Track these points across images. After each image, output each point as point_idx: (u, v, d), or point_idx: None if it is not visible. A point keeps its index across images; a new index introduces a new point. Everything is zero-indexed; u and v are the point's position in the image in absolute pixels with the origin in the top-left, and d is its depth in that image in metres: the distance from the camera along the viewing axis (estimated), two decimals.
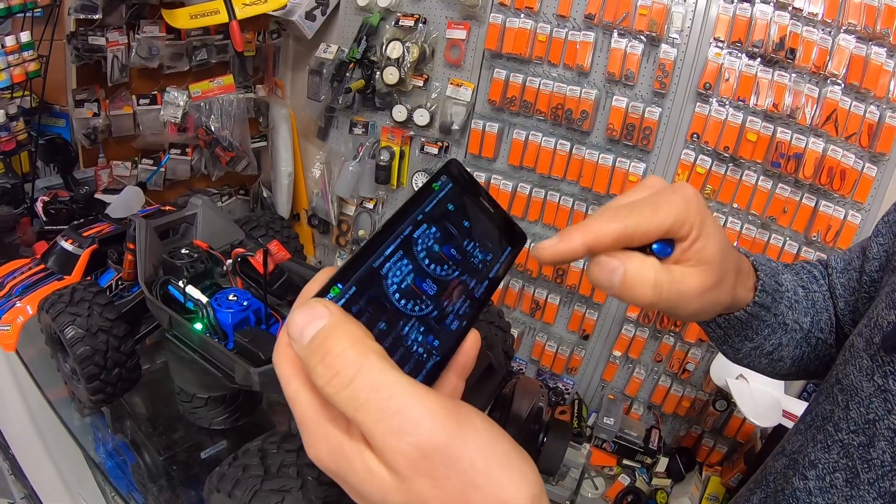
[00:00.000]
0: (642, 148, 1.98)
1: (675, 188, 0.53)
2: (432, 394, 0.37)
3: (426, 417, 0.36)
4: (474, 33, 2.17)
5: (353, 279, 0.41)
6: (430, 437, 0.35)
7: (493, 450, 0.37)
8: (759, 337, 0.74)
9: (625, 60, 1.91)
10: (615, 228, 0.49)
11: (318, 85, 2.42)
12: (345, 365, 0.36)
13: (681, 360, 2.10)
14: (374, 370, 0.36)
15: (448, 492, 0.36)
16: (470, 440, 0.36)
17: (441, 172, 0.50)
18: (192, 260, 1.22)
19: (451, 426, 0.36)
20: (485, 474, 0.36)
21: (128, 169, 2.25)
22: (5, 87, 1.65)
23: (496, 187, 2.26)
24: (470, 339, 0.47)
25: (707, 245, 0.53)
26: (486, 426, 0.38)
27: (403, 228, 0.45)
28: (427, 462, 0.35)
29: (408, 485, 0.36)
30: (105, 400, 1.25)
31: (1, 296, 1.52)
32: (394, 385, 0.36)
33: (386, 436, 0.36)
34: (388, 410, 0.35)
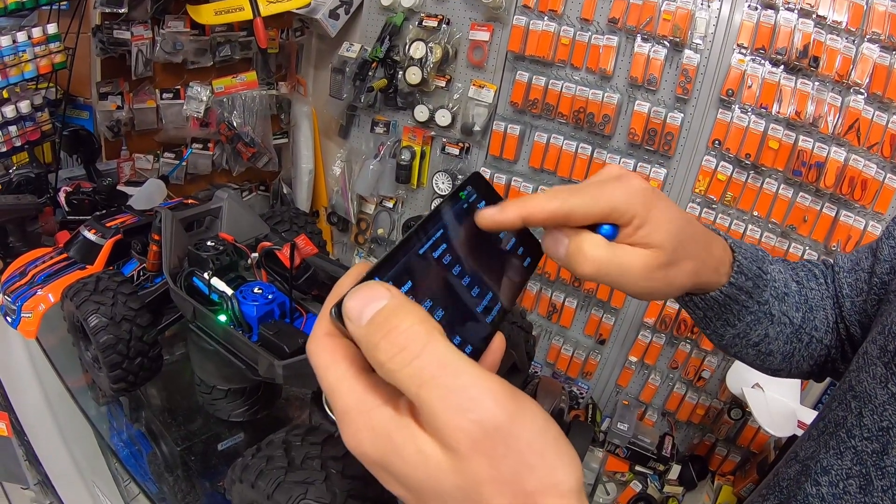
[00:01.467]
0: (664, 153, 2.00)
1: (623, 178, 0.57)
2: (492, 375, 0.38)
3: (489, 396, 0.36)
4: (497, 35, 2.19)
5: (390, 274, 0.43)
6: (494, 415, 0.36)
7: (547, 433, 0.38)
8: (742, 324, 0.75)
9: (647, 65, 1.93)
10: (551, 207, 0.53)
11: (341, 83, 2.46)
12: (411, 341, 0.37)
13: (696, 368, 2.12)
14: (440, 348, 0.37)
15: (503, 472, 0.36)
16: (528, 421, 0.37)
17: (467, 183, 0.54)
18: (217, 252, 1.24)
19: (511, 406, 0.37)
20: (540, 455, 0.37)
21: (150, 162, 2.30)
22: (31, 77, 1.70)
23: (517, 189, 2.29)
24: (497, 339, 0.49)
25: (654, 232, 0.56)
26: (539, 411, 0.39)
27: (436, 230, 0.48)
28: (487, 440, 0.36)
29: (464, 464, 0.36)
30: (126, 389, 1.28)
31: (23, 283, 1.56)
32: (458, 363, 0.37)
33: (448, 412, 0.36)
34: (452, 387, 0.36)
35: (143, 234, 1.53)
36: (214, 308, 1.16)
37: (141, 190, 2.06)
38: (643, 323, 2.19)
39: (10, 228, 1.71)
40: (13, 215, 1.69)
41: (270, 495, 0.73)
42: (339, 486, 0.72)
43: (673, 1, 1.84)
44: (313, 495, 0.72)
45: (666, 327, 2.14)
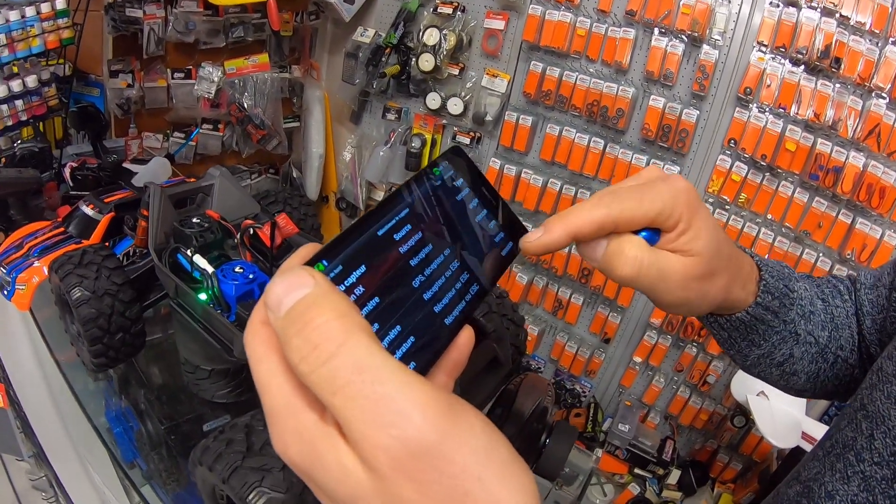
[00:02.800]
0: (677, 151, 1.97)
1: (667, 179, 0.54)
2: (426, 384, 0.33)
3: (416, 410, 0.31)
4: (513, 24, 2.17)
5: (341, 257, 0.38)
6: (420, 433, 0.31)
7: (490, 455, 0.33)
8: (767, 344, 0.71)
9: (664, 60, 1.90)
10: (597, 216, 0.50)
11: (354, 68, 2.45)
12: (325, 339, 0.32)
13: (702, 372, 2.09)
14: (360, 348, 0.32)
15: (433, 499, 0.32)
16: (465, 441, 0.32)
17: (443, 158, 0.49)
18: (202, 229, 1.23)
19: (444, 423, 0.32)
20: (478, 481, 0.32)
21: (159, 141, 2.31)
22: (39, 53, 1.70)
23: (526, 181, 2.27)
24: (464, 335, 0.44)
25: (695, 238, 0.54)
26: (484, 428, 0.34)
27: (400, 210, 0.43)
28: (413, 462, 0.31)
29: (386, 486, 0.32)
30: (107, 364, 1.27)
31: (19, 256, 1.57)
32: (381, 368, 0.32)
33: (367, 426, 0.31)
34: (371, 397, 0.31)
35: (137, 211, 1.53)
36: (196, 286, 1.15)
37: (145, 168, 2.07)
38: (649, 323, 2.16)
39: (11, 202, 1.71)
40: (14, 188, 1.69)
41: (226, 479, 0.71)
42: (297, 477, 0.70)
43: None
44: (269, 483, 0.69)
45: (673, 329, 2.11)
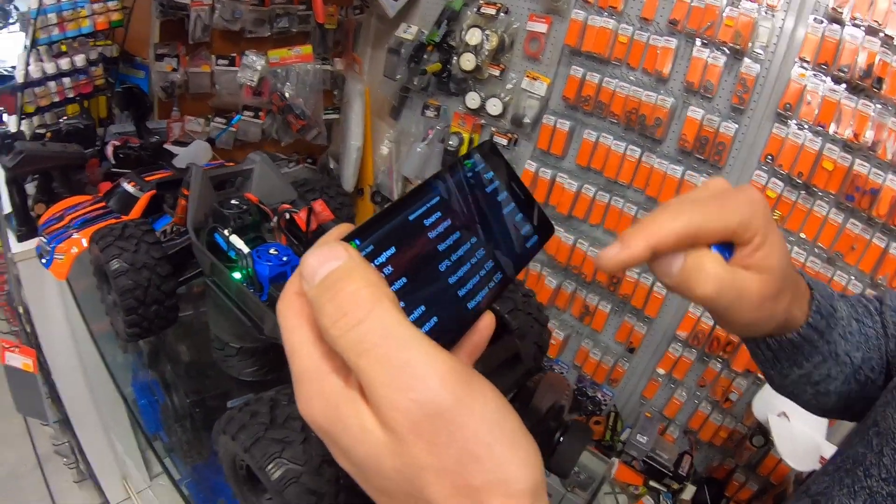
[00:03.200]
0: (713, 163, 1.96)
1: (742, 189, 0.51)
2: (445, 353, 0.35)
3: (434, 375, 0.33)
4: (555, 28, 2.17)
5: (373, 238, 0.40)
6: (437, 397, 0.33)
7: (501, 425, 0.35)
8: (809, 364, 0.69)
9: (705, 71, 1.89)
10: (679, 226, 0.47)
11: (396, 64, 2.48)
12: (355, 305, 0.34)
13: (725, 389, 2.07)
14: (386, 316, 0.34)
15: (445, 461, 0.33)
16: (477, 409, 0.34)
17: (476, 150, 0.50)
18: (240, 211, 1.25)
19: (459, 390, 0.34)
20: (487, 447, 0.34)
21: (200, 125, 2.37)
22: (88, 33, 1.77)
23: (561, 186, 2.27)
24: (485, 319, 0.45)
25: (770, 254, 0.51)
26: (496, 399, 0.35)
27: (431, 197, 0.44)
28: (428, 424, 0.33)
29: (403, 447, 0.34)
30: (140, 334, 1.31)
31: (60, 227, 1.63)
32: (405, 336, 0.34)
33: (388, 388, 0.33)
34: (394, 361, 0.33)
35: (177, 190, 1.58)
36: (231, 265, 1.18)
37: (186, 150, 2.13)
38: (675, 336, 2.15)
39: (55, 175, 1.78)
40: (58, 162, 1.75)
41: (248, 449, 0.74)
42: (315, 451, 0.72)
43: (736, 7, 1.79)
44: (288, 455, 0.72)
45: (698, 343, 2.10)
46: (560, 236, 2.34)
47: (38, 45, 1.71)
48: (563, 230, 2.33)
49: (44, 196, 1.79)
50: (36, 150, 1.70)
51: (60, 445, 2.31)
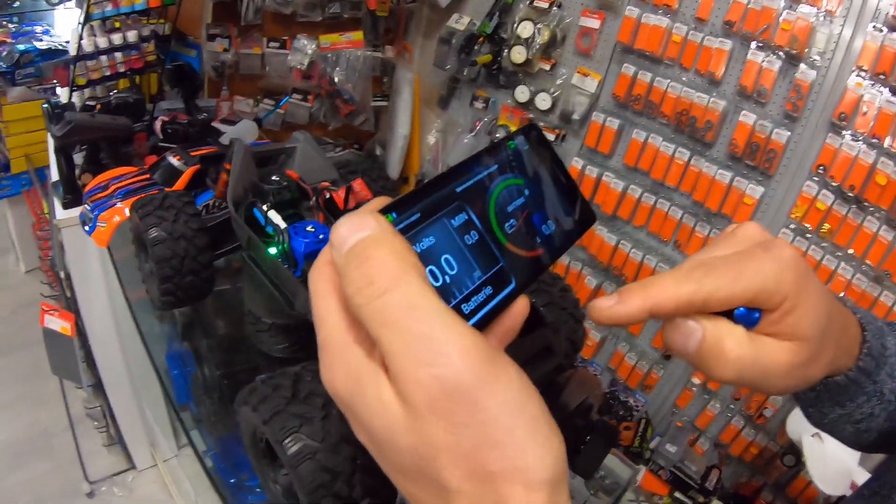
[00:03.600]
0: (763, 171, 1.90)
1: (770, 248, 0.46)
2: (471, 331, 0.33)
3: (457, 352, 0.32)
4: (608, 24, 2.14)
5: (411, 210, 0.40)
6: (457, 374, 0.32)
7: (523, 409, 0.33)
8: (853, 405, 0.65)
9: (759, 75, 1.83)
10: (684, 293, 0.44)
11: (446, 54, 2.48)
12: (381, 274, 0.34)
13: (759, 404, 2.02)
14: (412, 287, 0.34)
15: (462, 442, 0.32)
16: (500, 390, 0.33)
17: (520, 133, 0.49)
18: (280, 187, 1.27)
19: (483, 369, 0.32)
20: (508, 432, 0.32)
21: (249, 106, 2.42)
22: (141, 10, 1.83)
23: (607, 185, 2.25)
24: (519, 303, 0.43)
25: (803, 319, 0.45)
26: (521, 381, 0.34)
27: (475, 174, 0.44)
28: (447, 401, 0.32)
29: (419, 424, 0.33)
30: (173, 303, 1.33)
31: (104, 195, 1.69)
32: (430, 309, 0.33)
33: (408, 361, 0.33)
34: (417, 333, 0.33)
35: (220, 165, 1.61)
36: (268, 240, 1.20)
37: (233, 129, 2.17)
38: None
39: (102, 146, 1.84)
40: (105, 134, 1.82)
41: (267, 421, 0.74)
42: (334, 428, 0.71)
43: (793, 11, 1.73)
44: (307, 431, 0.71)
45: None
46: (603, 236, 2.31)
47: (92, 20, 1.77)
48: (606, 230, 2.31)
49: (91, 166, 1.86)
50: (84, 121, 1.76)
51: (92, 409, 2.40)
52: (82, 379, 2.04)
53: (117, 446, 2.70)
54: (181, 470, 2.26)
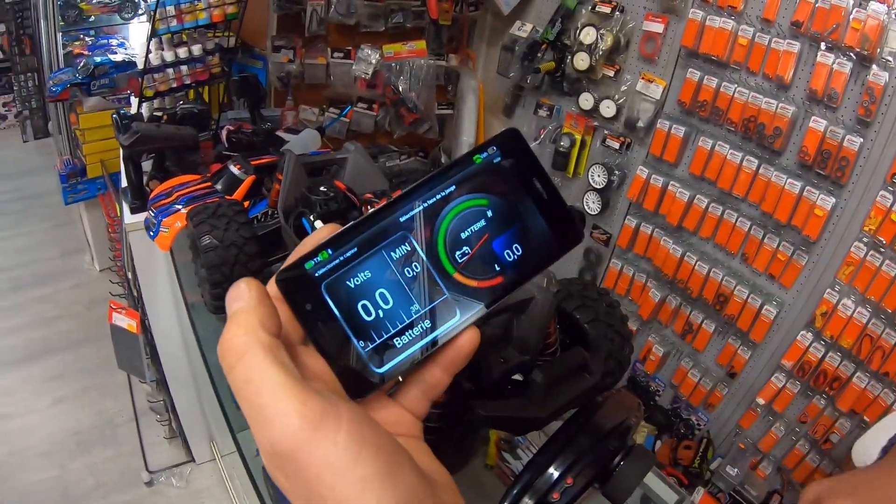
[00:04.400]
0: (835, 180, 1.81)
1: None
2: (302, 396, 0.37)
3: (280, 419, 0.37)
4: (672, 28, 2.10)
5: (347, 245, 0.41)
6: (279, 439, 0.37)
7: (348, 470, 0.37)
8: None
9: (830, 78, 1.75)
10: None
11: (509, 62, 2.50)
12: (230, 351, 0.39)
13: (826, 428, 1.91)
14: (252, 362, 0.38)
15: (298, 490, 0.38)
16: (320, 453, 0.37)
17: (492, 143, 0.46)
18: (327, 198, 1.32)
19: (304, 434, 0.37)
20: (331, 489, 0.37)
21: (314, 115, 2.51)
22: (205, 24, 1.93)
23: (672, 194, 2.20)
24: (465, 336, 0.44)
25: None
26: (349, 443, 0.38)
27: (426, 199, 0.44)
28: (279, 459, 0.37)
29: (269, 468, 0.39)
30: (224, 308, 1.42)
31: (167, 202, 1.80)
32: (265, 380, 0.37)
33: (252, 425, 0.38)
34: (254, 403, 0.38)
35: (274, 175, 1.67)
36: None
37: (297, 137, 2.26)
38: (780, 364, 2.01)
39: (168, 154, 1.96)
40: (171, 143, 1.93)
41: None
42: None
43: (863, 8, 1.65)
44: None
45: (804, 375, 1.95)
46: (668, 248, 2.26)
47: (159, 34, 1.89)
48: (671, 242, 2.25)
49: (158, 174, 1.98)
50: (150, 131, 1.88)
51: (155, 403, 2.53)
52: (146, 374, 2.17)
53: (178, 439, 2.85)
54: (238, 466, 2.35)
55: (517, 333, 0.78)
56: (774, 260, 1.98)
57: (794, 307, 1.97)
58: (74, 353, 3.51)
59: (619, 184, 2.40)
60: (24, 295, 3.98)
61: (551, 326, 0.86)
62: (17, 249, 4.42)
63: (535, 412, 0.80)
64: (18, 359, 3.49)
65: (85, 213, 3.94)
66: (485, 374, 0.77)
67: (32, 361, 3.47)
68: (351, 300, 0.42)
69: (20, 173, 5.35)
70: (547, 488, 0.75)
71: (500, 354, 0.77)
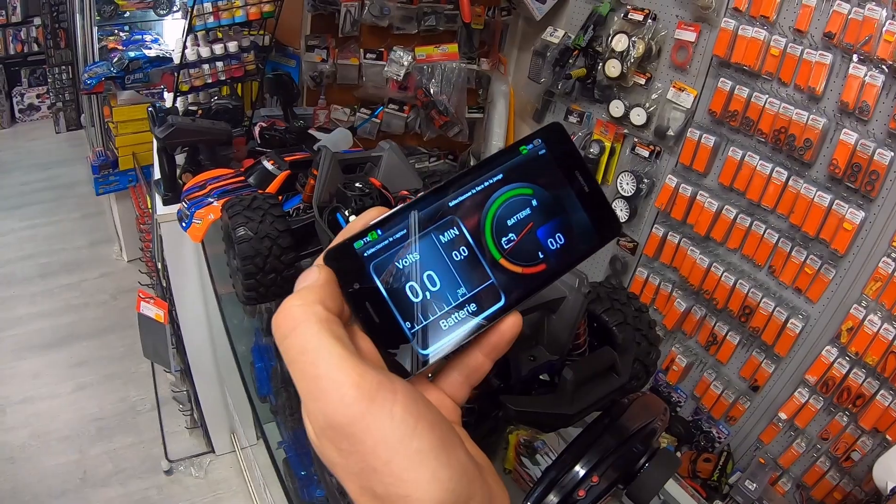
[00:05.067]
0: (865, 194, 1.81)
1: None
2: (356, 371, 0.37)
3: (336, 390, 0.37)
4: (704, 37, 2.11)
5: (396, 227, 0.42)
6: (335, 410, 0.37)
7: (403, 443, 0.37)
8: None
9: (861, 90, 1.75)
10: None
11: (541, 67, 2.51)
12: (286, 321, 0.39)
13: (848, 446, 1.90)
14: (307, 333, 0.38)
15: (350, 465, 0.37)
16: (376, 425, 0.37)
17: (537, 135, 0.47)
18: (362, 193, 1.33)
19: (360, 405, 0.36)
20: (385, 463, 0.37)
21: (346, 114, 2.54)
22: (241, 22, 1.97)
23: (701, 204, 2.20)
24: (508, 320, 0.45)
25: None
26: (405, 416, 0.38)
27: (475, 185, 0.45)
28: (332, 431, 0.37)
29: (319, 443, 0.39)
30: (255, 299, 1.44)
31: (201, 194, 1.83)
32: (320, 351, 0.38)
33: (305, 397, 0.38)
34: (308, 374, 0.38)
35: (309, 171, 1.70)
36: None
37: (329, 136, 2.29)
38: (804, 379, 2.00)
39: (202, 148, 1.99)
40: (205, 137, 1.97)
41: None
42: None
43: None
44: None
45: (827, 391, 1.94)
46: (695, 258, 2.26)
47: (195, 31, 1.93)
48: (698, 252, 2.25)
49: (191, 167, 2.02)
50: (185, 125, 1.91)
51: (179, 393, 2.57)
52: (171, 364, 2.20)
53: (199, 430, 2.89)
54: (258, 459, 2.38)
55: (548, 332, 0.79)
56: (801, 273, 1.97)
57: (820, 321, 1.96)
58: (99, 341, 3.57)
59: (647, 192, 2.40)
60: (52, 282, 4.07)
61: (581, 327, 0.88)
62: (46, 237, 4.51)
63: (565, 409, 0.81)
64: (44, 344, 3.57)
65: (115, 205, 4.02)
66: (513, 372, 0.79)
67: (58, 347, 3.54)
68: (398, 281, 0.42)
69: (52, 163, 5.47)
70: (573, 485, 0.76)
71: (530, 353, 0.79)
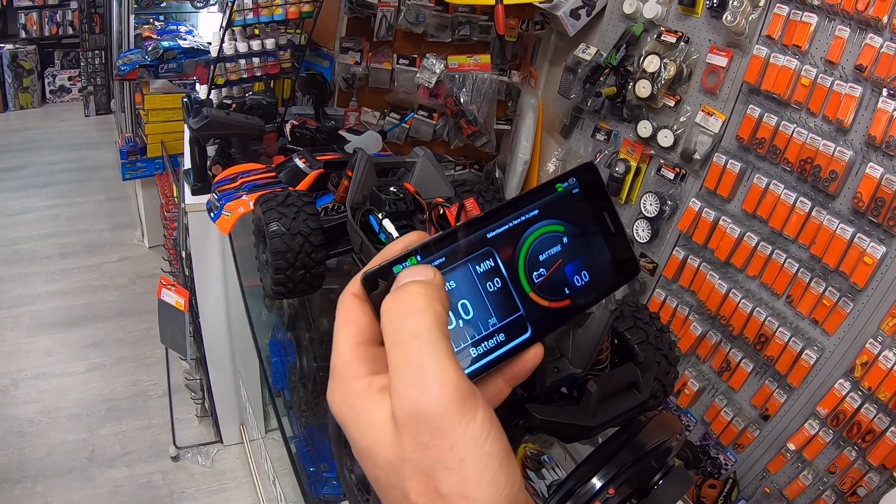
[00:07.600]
0: (887, 229, 1.81)
1: None
2: (457, 371, 0.39)
3: (437, 384, 0.38)
4: (735, 62, 2.12)
5: (436, 255, 0.44)
6: (430, 401, 0.38)
7: (479, 444, 0.39)
8: None
9: (889, 125, 1.75)
10: None
11: (571, 83, 2.53)
12: (408, 303, 0.41)
13: (854, 480, 1.89)
14: (424, 322, 0.40)
15: (423, 459, 0.38)
16: (461, 424, 0.38)
17: (571, 174, 0.50)
18: (396, 198, 1.37)
19: (453, 404, 0.38)
20: (459, 461, 0.38)
21: (375, 118, 2.57)
22: (280, 20, 2.01)
23: (723, 229, 2.20)
24: (532, 351, 0.48)
25: None
26: (484, 421, 0.39)
27: (512, 219, 0.46)
28: (418, 420, 0.38)
29: (398, 436, 0.39)
30: (283, 293, 1.48)
31: (231, 187, 1.86)
32: (430, 342, 0.40)
33: (401, 380, 0.39)
34: (413, 359, 0.39)
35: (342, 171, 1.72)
36: (380, 247, 1.28)
37: (359, 138, 2.32)
38: (815, 411, 2.00)
39: (234, 142, 2.03)
40: (238, 131, 2.01)
41: None
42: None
43: None
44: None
45: (838, 424, 1.94)
46: (714, 283, 2.26)
47: (234, 26, 1.97)
48: (717, 277, 2.26)
49: (222, 159, 2.05)
50: (220, 118, 1.95)
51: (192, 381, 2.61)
52: (188, 352, 2.24)
53: (208, 419, 2.92)
54: (265, 452, 2.41)
55: (573, 345, 0.81)
56: (819, 304, 1.97)
57: (835, 354, 1.96)
58: (114, 324, 3.61)
59: (670, 214, 2.41)
60: (71, 262, 4.12)
61: (605, 342, 0.90)
62: (69, 218, 4.58)
63: (587, 421, 0.83)
64: (60, 322, 3.62)
65: (140, 190, 4.07)
66: (538, 383, 0.81)
67: (73, 326, 3.59)
68: None
69: (79, 145, 5.56)
70: (589, 497, 0.78)
71: (554, 364, 0.81)
